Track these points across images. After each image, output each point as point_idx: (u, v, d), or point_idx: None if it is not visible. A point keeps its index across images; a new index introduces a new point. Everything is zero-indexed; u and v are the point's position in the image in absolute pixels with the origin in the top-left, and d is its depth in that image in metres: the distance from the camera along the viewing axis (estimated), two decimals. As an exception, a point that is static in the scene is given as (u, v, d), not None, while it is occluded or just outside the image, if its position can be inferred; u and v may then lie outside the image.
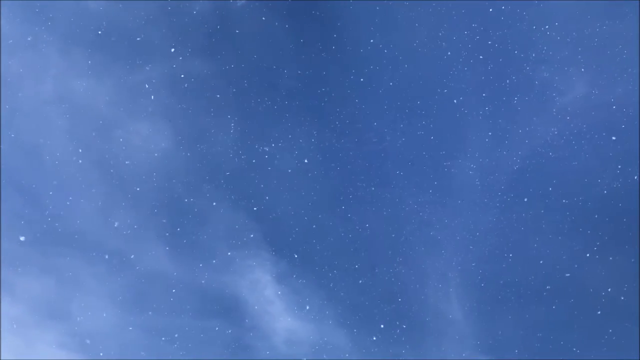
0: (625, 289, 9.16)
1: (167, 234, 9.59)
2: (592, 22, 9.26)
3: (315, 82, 9.63)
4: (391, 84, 9.63)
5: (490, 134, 9.59)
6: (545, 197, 9.47)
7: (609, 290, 9.20)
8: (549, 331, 9.38)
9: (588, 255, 9.32)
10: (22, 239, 9.18)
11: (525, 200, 9.51)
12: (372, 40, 9.56)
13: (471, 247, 9.61)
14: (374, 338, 9.61)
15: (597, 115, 9.37)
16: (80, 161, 9.39)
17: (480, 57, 9.50)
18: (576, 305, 9.31)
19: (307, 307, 9.74)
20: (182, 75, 9.47)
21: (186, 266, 9.60)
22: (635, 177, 9.17)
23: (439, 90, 9.59)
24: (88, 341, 9.48)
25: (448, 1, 9.45)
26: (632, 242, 9.23)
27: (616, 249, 9.29)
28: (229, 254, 9.66)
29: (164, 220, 9.57)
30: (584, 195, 9.36)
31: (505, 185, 9.56)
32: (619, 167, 9.25)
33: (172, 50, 9.38)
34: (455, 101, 9.61)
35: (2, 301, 9.20)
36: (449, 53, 9.53)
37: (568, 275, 9.33)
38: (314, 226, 9.69)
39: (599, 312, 9.21)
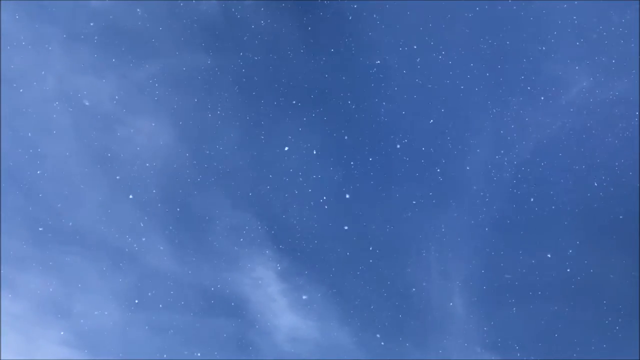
0: (625, 289, 9.21)
1: (170, 232, 9.57)
2: (594, 21, 9.32)
3: (321, 82, 9.65)
4: (397, 81, 9.66)
5: (493, 131, 9.64)
6: (548, 195, 9.52)
7: (609, 290, 9.25)
8: (549, 330, 9.43)
9: (590, 253, 9.38)
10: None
11: (529, 197, 9.56)
12: (378, 40, 9.58)
13: (475, 246, 9.65)
14: (378, 336, 9.63)
15: (599, 112, 9.44)
16: (82, 158, 9.37)
17: (485, 54, 9.55)
18: (577, 304, 9.38)
19: (311, 305, 9.75)
20: (188, 74, 9.49)
21: (189, 264, 9.60)
22: (637, 173, 9.23)
23: (443, 87, 9.63)
24: (90, 339, 9.47)
25: (454, 1, 9.51)
26: (632, 241, 9.27)
27: (616, 248, 9.35)
28: (232, 251, 9.67)
29: (167, 218, 9.56)
30: (585, 193, 9.42)
31: (509, 183, 9.60)
32: (620, 164, 9.32)
33: (178, 47, 9.38)
34: (459, 99, 9.66)
35: (3, 299, 9.18)
36: (454, 51, 9.57)
37: (570, 274, 9.37)
38: (318, 224, 9.71)
39: (599, 312, 9.27)
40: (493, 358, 9.48)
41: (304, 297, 9.70)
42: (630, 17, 9.29)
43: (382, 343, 9.58)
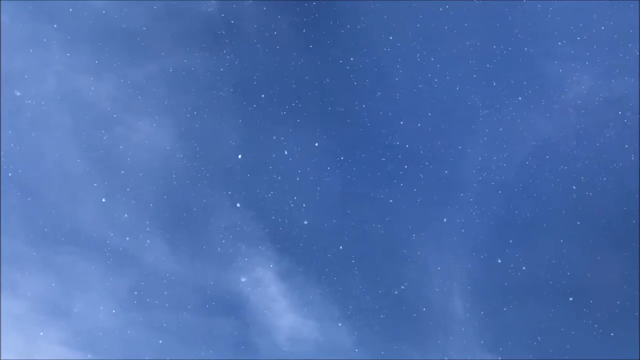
0: (625, 289, 9.20)
1: (169, 232, 9.60)
2: (594, 21, 9.33)
3: (319, 83, 9.66)
4: (395, 81, 9.67)
5: (492, 131, 9.65)
6: (547, 195, 9.53)
7: (609, 290, 9.25)
8: (550, 331, 9.42)
9: (589, 254, 9.37)
10: None
11: (528, 198, 9.58)
12: (376, 40, 9.60)
13: (474, 246, 9.66)
14: (377, 336, 9.64)
15: (597, 113, 9.46)
16: (81, 159, 9.39)
17: (483, 55, 9.56)
18: (577, 305, 9.36)
19: (310, 305, 9.76)
20: (185, 74, 9.51)
21: (188, 264, 9.61)
22: (637, 173, 9.24)
23: (442, 88, 9.64)
24: (89, 339, 9.47)
25: (453, 0, 9.52)
26: (631, 241, 9.27)
27: (616, 249, 9.34)
28: (232, 251, 9.68)
29: (167, 218, 9.58)
30: (585, 193, 9.42)
31: (508, 183, 9.62)
32: (620, 164, 9.32)
33: (176, 47, 9.41)
34: (457, 99, 9.67)
35: (3, 299, 9.19)
36: (453, 51, 9.58)
37: (569, 274, 9.37)
38: (318, 224, 9.72)
39: (599, 312, 9.25)
40: (491, 358, 9.49)
41: (304, 297, 9.73)
42: (630, 17, 9.29)
43: (381, 343, 9.60)
